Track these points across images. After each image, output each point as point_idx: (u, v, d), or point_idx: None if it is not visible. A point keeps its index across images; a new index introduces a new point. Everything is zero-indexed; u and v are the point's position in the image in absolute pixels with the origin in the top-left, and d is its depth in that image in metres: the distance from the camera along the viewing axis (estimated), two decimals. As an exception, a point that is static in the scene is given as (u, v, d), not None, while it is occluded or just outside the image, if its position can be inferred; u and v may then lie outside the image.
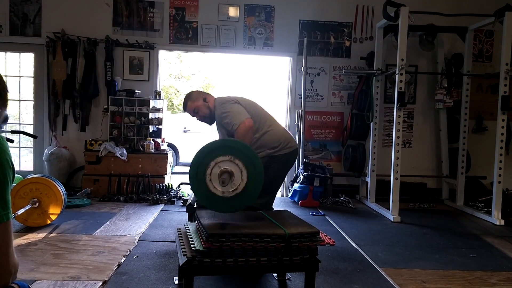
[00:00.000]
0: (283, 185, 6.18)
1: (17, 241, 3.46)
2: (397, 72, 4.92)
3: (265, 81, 15.01)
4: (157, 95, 5.96)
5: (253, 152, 2.35)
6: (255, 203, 2.70)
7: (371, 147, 5.85)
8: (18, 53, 6.20)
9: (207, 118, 3.52)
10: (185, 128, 10.75)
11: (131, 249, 3.40)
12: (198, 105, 3.48)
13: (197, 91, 3.62)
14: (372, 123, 5.84)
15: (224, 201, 2.28)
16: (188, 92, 3.61)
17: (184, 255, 2.21)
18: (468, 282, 2.97)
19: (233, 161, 2.28)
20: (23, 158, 6.52)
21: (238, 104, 3.28)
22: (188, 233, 2.44)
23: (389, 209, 4.99)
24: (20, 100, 6.28)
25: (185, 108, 3.56)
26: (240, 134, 3.09)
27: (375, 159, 5.83)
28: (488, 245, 3.98)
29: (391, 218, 4.85)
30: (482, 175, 6.16)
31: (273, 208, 3.37)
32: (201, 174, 2.27)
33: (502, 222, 4.80)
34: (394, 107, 5.05)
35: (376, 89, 5.85)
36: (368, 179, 5.86)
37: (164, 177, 5.70)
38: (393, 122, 5.14)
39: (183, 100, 3.58)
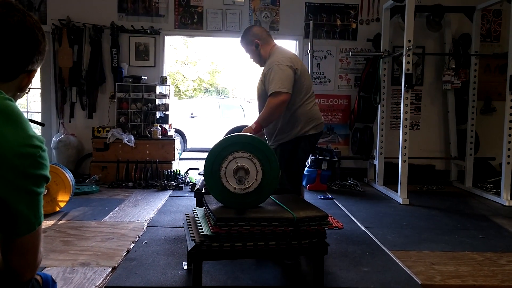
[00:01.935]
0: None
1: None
2: (404, 54, 4.86)
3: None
4: (163, 81, 5.95)
5: (271, 152, 2.31)
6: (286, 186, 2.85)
7: (379, 130, 5.82)
8: (24, 41, 6.19)
9: (258, 62, 3.36)
10: (192, 114, 10.74)
11: (140, 235, 3.42)
12: (250, 48, 3.31)
13: (257, 30, 3.33)
14: (379, 105, 5.80)
15: (234, 196, 2.27)
16: (249, 26, 3.41)
17: (192, 240, 2.22)
18: (477, 263, 2.96)
19: (252, 159, 2.26)
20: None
21: (291, 70, 3.07)
22: (196, 218, 2.45)
23: (397, 192, 4.98)
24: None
25: (241, 43, 3.38)
26: (272, 105, 2.99)
27: (383, 141, 5.80)
28: (497, 226, 3.96)
29: (400, 200, 4.85)
30: (491, 156, 6.12)
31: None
32: (216, 165, 2.25)
33: (511, 203, 4.79)
34: (401, 89, 5.01)
35: (383, 71, 5.80)
36: (376, 162, 5.85)
37: (172, 163, 5.72)
38: (400, 104, 5.10)
39: (242, 33, 3.37)
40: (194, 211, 2.61)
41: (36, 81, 6.23)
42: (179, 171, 5.78)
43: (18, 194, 1.07)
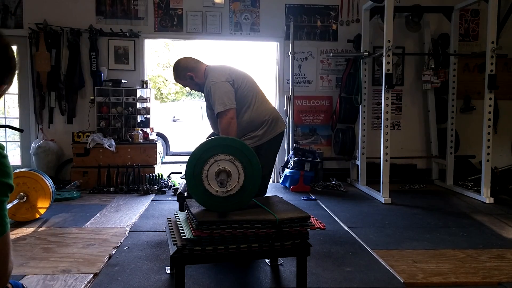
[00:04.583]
0: (274, 170, 6.16)
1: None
2: (384, 54, 4.90)
3: (253, 67, 14.91)
4: (144, 84, 5.90)
5: (253, 153, 2.30)
6: None
7: (361, 130, 5.86)
8: (0, 46, 6.08)
9: (198, 89, 3.39)
10: (174, 117, 10.68)
11: (122, 241, 3.38)
12: (185, 83, 3.36)
13: (184, 63, 3.35)
14: (360, 106, 5.84)
15: (216, 199, 2.25)
16: (176, 61, 3.38)
17: (174, 244, 2.19)
18: (459, 261, 2.99)
19: (233, 162, 2.24)
20: (10, 153, 6.44)
21: (227, 84, 3.13)
22: (178, 222, 2.43)
23: (380, 191, 5.02)
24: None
25: (176, 80, 3.43)
26: (223, 126, 3.04)
27: (365, 142, 5.84)
28: (478, 223, 4.02)
29: (382, 200, 4.88)
30: (471, 154, 6.19)
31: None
32: (198, 168, 2.23)
33: (492, 200, 4.85)
34: (382, 89, 5.05)
35: (363, 72, 5.84)
36: (358, 162, 5.88)
37: (154, 167, 5.67)
38: (381, 104, 5.14)
39: (173, 72, 3.40)
40: (176, 215, 2.58)
41: (14, 86, 6.11)
42: (162, 175, 5.72)
43: None
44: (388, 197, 4.90)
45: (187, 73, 3.29)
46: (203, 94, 3.35)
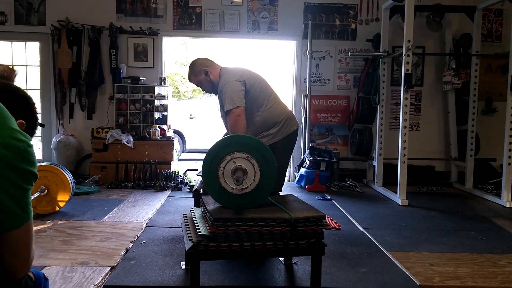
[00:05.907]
0: (289, 170, 6.16)
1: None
2: (404, 54, 4.85)
3: (270, 65, 14.92)
4: (162, 81, 5.94)
5: (270, 152, 2.31)
6: None
7: (378, 131, 5.80)
8: (24, 42, 6.21)
9: (211, 90, 3.47)
10: (191, 115, 10.74)
11: (138, 235, 3.42)
12: (200, 79, 3.41)
13: (202, 60, 3.46)
14: (379, 106, 5.79)
15: (232, 197, 2.26)
16: (193, 60, 3.48)
17: (190, 240, 2.21)
18: (477, 265, 2.95)
19: (250, 160, 2.25)
20: (31, 147, 6.56)
21: (238, 83, 3.20)
22: (194, 219, 2.44)
23: (396, 193, 4.97)
24: (27, 89, 6.28)
25: (190, 80, 3.51)
26: (230, 123, 3.12)
27: (382, 142, 5.78)
28: (497, 228, 3.95)
29: (399, 201, 4.83)
30: (492, 157, 6.10)
31: (278, 193, 3.35)
32: (214, 166, 2.24)
33: (512, 204, 4.77)
34: (401, 90, 4.99)
35: (382, 72, 5.79)
36: (375, 163, 5.83)
37: (170, 164, 5.71)
38: (400, 105, 5.08)
39: (188, 71, 3.49)
40: (192, 211, 2.60)
41: (36, 82, 6.23)
42: (178, 172, 5.77)
43: (2, 186, 1.05)
44: (405, 198, 4.85)
45: (203, 68, 3.37)
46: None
